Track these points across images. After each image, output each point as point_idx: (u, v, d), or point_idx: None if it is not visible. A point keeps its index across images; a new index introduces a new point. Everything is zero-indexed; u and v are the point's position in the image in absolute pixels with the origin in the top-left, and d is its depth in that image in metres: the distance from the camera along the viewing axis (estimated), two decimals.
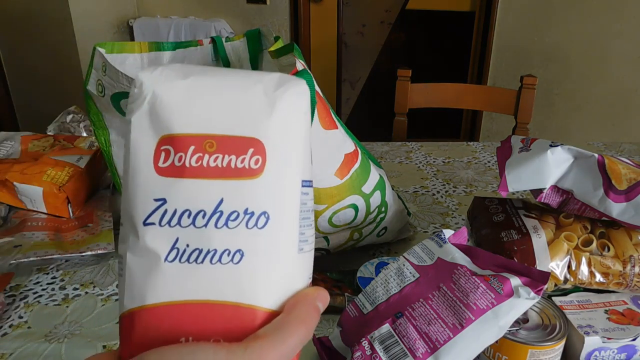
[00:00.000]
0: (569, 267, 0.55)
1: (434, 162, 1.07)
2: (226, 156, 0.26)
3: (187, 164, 0.26)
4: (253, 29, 0.74)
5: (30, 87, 2.46)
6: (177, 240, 0.25)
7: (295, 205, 0.27)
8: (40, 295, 0.66)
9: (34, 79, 2.44)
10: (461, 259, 0.50)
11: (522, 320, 0.50)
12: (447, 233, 0.53)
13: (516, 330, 0.48)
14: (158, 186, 0.26)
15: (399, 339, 0.45)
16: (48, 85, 2.43)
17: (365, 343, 0.46)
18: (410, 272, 0.51)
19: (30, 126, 2.51)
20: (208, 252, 0.25)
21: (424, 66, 2.85)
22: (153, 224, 0.25)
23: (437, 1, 2.71)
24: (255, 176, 0.26)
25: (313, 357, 0.55)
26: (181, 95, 0.26)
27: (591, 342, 0.49)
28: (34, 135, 0.96)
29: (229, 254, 0.25)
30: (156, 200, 0.26)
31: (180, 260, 0.25)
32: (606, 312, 0.54)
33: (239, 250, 0.26)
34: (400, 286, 0.50)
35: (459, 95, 1.50)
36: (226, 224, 0.25)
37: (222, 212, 0.25)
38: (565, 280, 0.55)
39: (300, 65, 0.56)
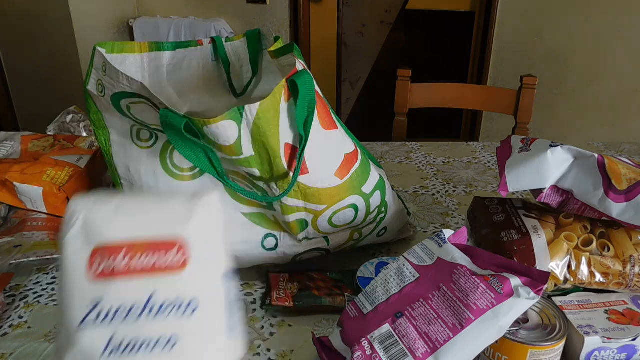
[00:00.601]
0: (569, 267, 0.55)
1: (434, 162, 1.07)
2: (153, 255, 0.29)
3: (118, 267, 0.28)
4: (253, 29, 0.74)
5: (30, 87, 2.46)
6: (112, 336, 0.28)
7: (221, 291, 0.31)
8: (40, 295, 0.66)
9: (34, 79, 2.43)
10: (461, 259, 0.50)
11: (522, 320, 0.50)
12: (447, 233, 0.53)
13: (516, 330, 0.48)
14: (92, 290, 0.28)
15: (399, 339, 0.45)
16: (48, 85, 2.43)
17: (365, 343, 0.46)
18: (410, 272, 0.51)
19: (30, 126, 2.51)
20: (143, 342, 0.28)
21: (424, 66, 2.85)
22: (89, 325, 0.28)
23: (437, 1, 2.71)
24: (181, 269, 0.29)
25: (313, 357, 0.55)
26: (109, 212, 0.30)
27: (591, 342, 0.49)
28: (34, 135, 0.96)
29: (163, 341, 0.28)
30: (91, 302, 0.28)
31: (116, 354, 0.28)
32: (606, 312, 0.54)
33: (172, 336, 0.28)
34: (400, 286, 0.50)
35: (459, 95, 1.50)
36: (158, 314, 0.28)
37: (154, 304, 0.28)
38: (565, 280, 0.55)
39: (300, 65, 0.56)
